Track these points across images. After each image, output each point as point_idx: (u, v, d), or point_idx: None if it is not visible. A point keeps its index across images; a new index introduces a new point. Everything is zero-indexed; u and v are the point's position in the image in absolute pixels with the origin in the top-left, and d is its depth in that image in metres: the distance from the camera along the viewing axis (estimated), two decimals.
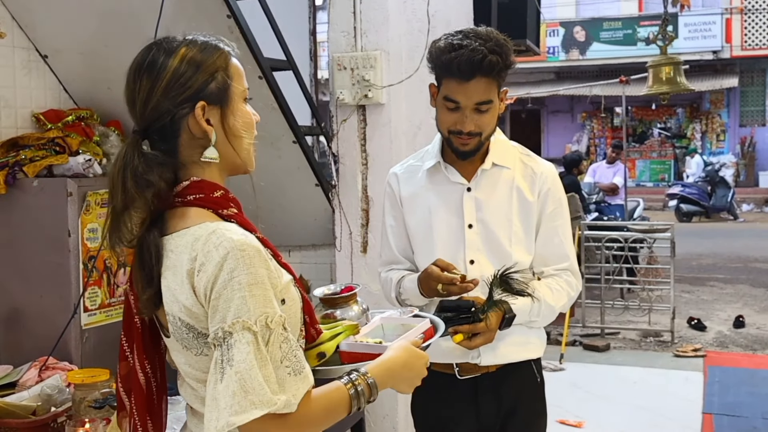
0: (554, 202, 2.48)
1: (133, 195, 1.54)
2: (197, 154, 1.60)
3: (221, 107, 1.61)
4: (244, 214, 1.64)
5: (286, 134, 3.89)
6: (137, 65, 1.59)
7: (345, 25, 3.91)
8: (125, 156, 1.56)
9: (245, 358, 1.43)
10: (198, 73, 1.58)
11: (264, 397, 1.42)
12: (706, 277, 11.05)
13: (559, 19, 22.80)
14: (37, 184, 3.58)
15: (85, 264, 3.54)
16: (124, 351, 1.70)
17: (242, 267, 1.46)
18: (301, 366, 1.51)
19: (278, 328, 1.48)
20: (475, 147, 2.41)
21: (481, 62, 2.26)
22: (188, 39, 1.62)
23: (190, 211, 1.58)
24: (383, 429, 4.00)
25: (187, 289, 1.51)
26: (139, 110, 1.58)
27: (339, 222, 4.02)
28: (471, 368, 2.46)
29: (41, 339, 3.48)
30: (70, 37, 3.82)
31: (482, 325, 2.26)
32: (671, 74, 5.92)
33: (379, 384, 1.61)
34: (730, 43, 21.84)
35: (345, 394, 1.56)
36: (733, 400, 5.76)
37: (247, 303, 1.45)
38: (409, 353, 1.69)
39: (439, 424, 2.56)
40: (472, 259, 2.44)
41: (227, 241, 1.48)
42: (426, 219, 2.50)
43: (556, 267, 2.50)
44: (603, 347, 7.29)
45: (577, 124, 25.18)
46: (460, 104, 2.35)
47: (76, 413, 2.91)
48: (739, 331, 8.00)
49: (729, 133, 23.52)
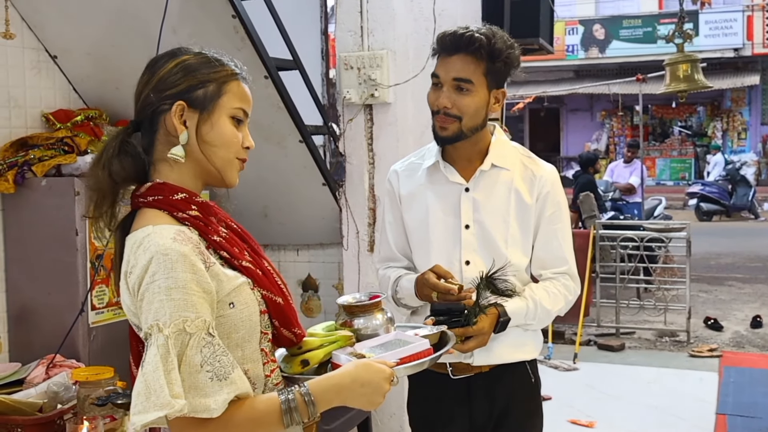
0: (553, 205, 2.47)
1: (98, 176, 1.62)
2: (167, 151, 1.64)
3: (200, 113, 1.64)
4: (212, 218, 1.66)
5: (292, 134, 3.90)
6: (147, 65, 1.68)
7: (352, 24, 3.92)
8: (108, 142, 1.65)
9: (152, 360, 1.45)
10: (188, 76, 1.63)
11: (164, 399, 1.42)
12: (725, 276, 10.96)
13: (579, 17, 22.67)
14: (45, 183, 3.61)
15: (92, 262, 3.57)
16: None
17: (163, 271, 1.49)
18: (225, 372, 1.50)
19: (199, 332, 1.49)
20: (455, 133, 2.37)
21: (462, 37, 2.30)
22: (198, 51, 1.69)
23: (146, 213, 1.61)
24: (390, 427, 4.01)
25: (125, 290, 1.57)
26: (135, 102, 1.67)
27: (346, 221, 4.03)
28: (464, 368, 2.46)
29: (49, 337, 3.52)
30: (78, 37, 3.85)
31: (474, 328, 2.25)
32: (689, 72, 5.86)
33: (321, 402, 1.57)
34: (751, 40, 21.61)
35: (276, 407, 1.54)
36: (748, 401, 5.71)
37: (164, 306, 1.47)
38: (364, 368, 1.63)
39: (433, 422, 2.56)
40: (467, 260, 2.43)
41: (154, 245, 1.52)
42: (423, 218, 2.50)
43: (555, 270, 2.48)
44: (618, 347, 7.25)
45: (596, 123, 25.04)
46: (440, 78, 2.36)
47: (81, 411, 2.94)
48: (756, 331, 7.92)
49: (750, 132, 23.29)
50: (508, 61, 2.36)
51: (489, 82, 2.35)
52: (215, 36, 3.53)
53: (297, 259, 4.39)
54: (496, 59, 2.32)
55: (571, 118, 25.43)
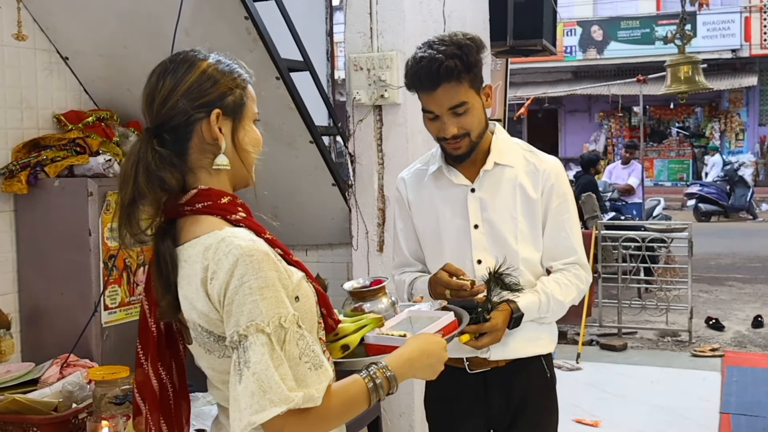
0: (559, 196, 2.50)
1: (143, 190, 1.59)
2: (205, 159, 1.65)
3: (234, 120, 1.67)
4: (253, 217, 1.68)
5: (303, 134, 3.93)
6: (163, 67, 1.66)
7: (361, 25, 3.94)
8: (139, 151, 1.61)
9: (260, 359, 1.47)
10: (219, 83, 1.65)
11: (282, 394, 1.46)
12: (725, 276, 11.00)
13: (577, 18, 22.73)
14: (58, 184, 3.63)
15: (105, 263, 3.59)
16: (140, 358, 1.73)
17: (252, 272, 1.50)
18: (320, 360, 1.55)
19: (293, 326, 1.52)
20: (468, 148, 2.43)
21: (438, 70, 2.30)
22: (212, 56, 1.69)
23: (200, 219, 1.62)
24: (399, 426, 4.02)
25: (202, 296, 1.55)
26: (157, 108, 1.63)
27: (355, 221, 4.05)
28: (481, 362, 2.50)
29: (62, 336, 3.53)
30: (90, 39, 3.87)
31: (488, 325, 2.29)
32: (689, 73, 5.91)
33: (399, 376, 1.65)
34: (749, 41, 21.68)
35: (363, 387, 1.60)
36: (751, 400, 5.74)
37: (259, 306, 1.49)
38: (426, 340, 1.76)
39: (450, 417, 2.60)
40: (479, 259, 2.48)
41: (236, 248, 1.52)
42: (433, 222, 2.55)
43: (565, 261, 2.52)
44: (620, 347, 7.28)
45: (594, 124, 25.08)
46: (434, 113, 2.38)
47: (97, 410, 2.94)
48: (757, 331, 7.96)
49: (748, 132, 23.34)
50: (480, 62, 2.40)
51: (476, 88, 2.39)
52: (228, 37, 3.55)
53: (306, 260, 4.39)
54: (473, 69, 2.36)
55: (569, 119, 25.48)
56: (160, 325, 1.68)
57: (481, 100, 2.41)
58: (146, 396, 1.70)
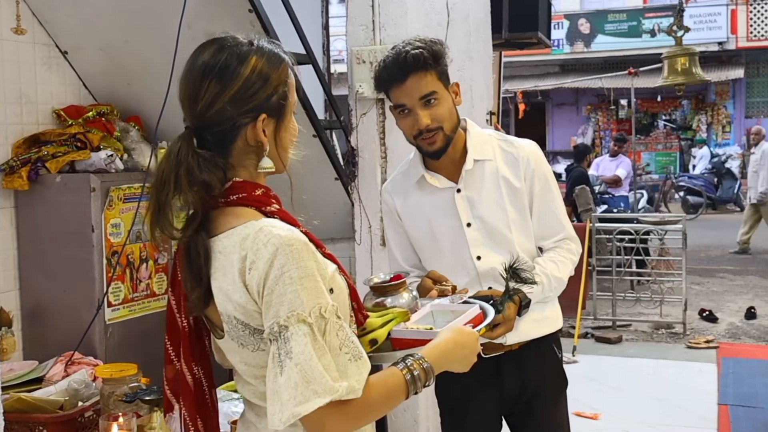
0: (540, 179, 2.59)
1: (185, 191, 1.56)
2: (247, 159, 1.64)
3: (277, 121, 1.65)
4: (285, 210, 1.66)
5: (306, 128, 3.89)
6: (207, 66, 1.60)
7: (363, 18, 3.91)
8: (179, 152, 1.58)
9: (303, 349, 1.45)
10: (266, 86, 1.61)
11: (326, 385, 1.44)
12: (716, 268, 11.05)
13: (564, 12, 22.69)
14: (60, 179, 3.59)
15: (108, 259, 3.55)
16: (170, 354, 1.71)
17: (292, 261, 1.48)
18: (359, 352, 1.54)
19: (332, 317, 1.51)
20: (444, 143, 2.48)
21: (405, 59, 2.39)
22: (256, 45, 1.64)
23: (235, 210, 1.60)
24: (404, 421, 4.01)
25: (240, 287, 1.53)
26: (201, 110, 1.59)
27: (358, 216, 4.03)
28: (495, 347, 2.57)
29: (65, 334, 3.50)
30: (90, 33, 3.83)
31: (500, 316, 2.33)
32: (686, 65, 5.93)
33: (435, 367, 1.64)
34: (735, 34, 21.75)
35: (401, 379, 1.59)
36: (749, 391, 5.78)
37: (300, 296, 1.47)
38: (460, 332, 1.74)
39: (464, 402, 2.69)
40: (478, 255, 2.56)
41: (275, 238, 1.50)
42: (427, 227, 2.62)
43: (555, 239, 2.62)
44: (615, 339, 7.30)
45: (582, 117, 25.11)
46: (406, 105, 2.44)
47: (105, 408, 2.92)
48: (751, 322, 8.01)
49: (735, 125, 23.43)
50: (444, 56, 2.48)
51: (444, 82, 2.47)
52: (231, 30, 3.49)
53: None
54: (439, 60, 2.45)
55: (556, 112, 25.49)
56: (190, 319, 1.66)
57: (451, 96, 2.49)
58: (181, 392, 1.68)
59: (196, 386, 1.67)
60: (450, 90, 2.49)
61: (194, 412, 1.67)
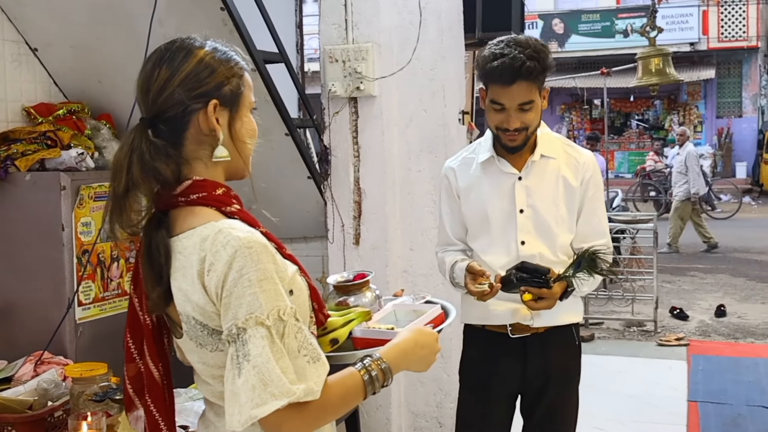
0: (594, 186, 2.80)
1: (137, 179, 1.56)
2: (201, 150, 1.62)
3: (231, 111, 1.64)
4: (246, 210, 1.66)
5: (278, 127, 3.89)
6: (159, 55, 1.62)
7: (336, 17, 3.91)
8: (132, 141, 1.58)
9: (261, 352, 1.45)
10: (216, 73, 1.62)
11: (283, 387, 1.45)
12: (687, 267, 11.16)
13: (538, 12, 22.86)
14: (29, 178, 3.56)
15: (79, 258, 3.53)
16: (131, 352, 1.70)
17: (251, 264, 1.48)
18: (317, 353, 1.54)
19: (291, 319, 1.51)
20: (523, 142, 2.70)
21: (520, 69, 2.56)
22: (209, 43, 1.66)
23: (195, 210, 1.59)
24: (376, 419, 4.02)
25: (198, 289, 1.53)
26: (153, 97, 1.60)
27: (331, 214, 4.03)
28: (523, 328, 2.78)
29: (35, 333, 3.47)
30: (60, 30, 3.80)
31: (548, 291, 2.56)
32: (660, 65, 5.99)
33: (393, 367, 1.65)
34: (706, 35, 22.03)
35: (359, 380, 1.59)
36: (718, 388, 5.84)
37: (258, 298, 1.47)
38: (420, 332, 1.75)
39: (487, 379, 2.86)
40: (522, 240, 2.74)
41: (234, 240, 1.50)
42: (481, 207, 2.80)
43: (596, 243, 2.72)
44: (587, 337, 7.34)
45: (556, 116, 25.25)
46: (504, 106, 2.63)
47: (75, 407, 2.90)
48: (720, 320, 8.09)
49: (706, 125, 23.71)
50: (551, 67, 2.67)
51: (540, 90, 2.67)
52: (203, 28, 3.42)
53: None
54: (546, 72, 2.65)
55: None
56: (153, 317, 1.65)
57: (541, 102, 2.69)
58: (146, 390, 1.67)
59: (162, 384, 1.66)
60: (541, 95, 2.68)
61: (163, 410, 1.66)
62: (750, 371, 6.30)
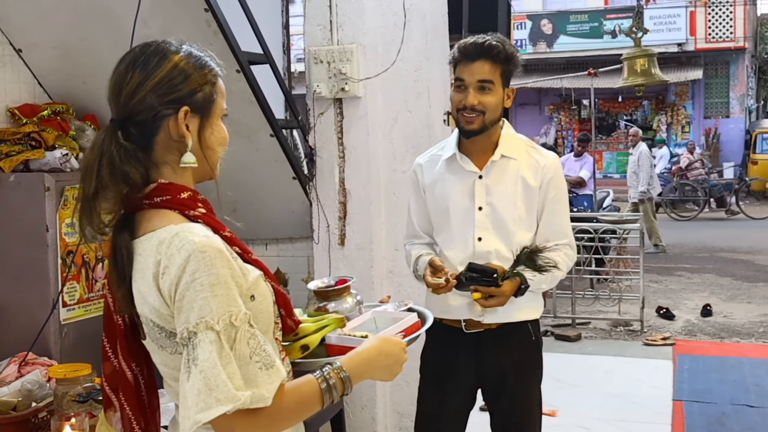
0: (555, 188, 2.88)
1: (106, 182, 1.56)
2: (170, 155, 1.63)
3: (201, 118, 1.64)
4: (214, 214, 1.66)
5: (263, 127, 3.90)
6: (133, 57, 1.62)
7: (321, 18, 3.93)
8: (102, 143, 1.58)
9: (208, 356, 1.45)
10: (190, 79, 1.62)
11: (228, 393, 1.44)
12: (674, 266, 11.21)
13: (527, 12, 22.91)
14: (13, 179, 3.56)
15: (63, 259, 3.53)
16: (107, 351, 1.71)
17: (204, 268, 1.49)
18: (271, 360, 1.53)
19: (244, 325, 1.51)
20: (479, 126, 2.78)
21: (483, 45, 2.75)
22: (185, 47, 1.66)
23: (158, 213, 1.60)
24: (362, 419, 4.03)
25: (154, 291, 1.54)
26: (124, 100, 1.60)
27: (316, 215, 4.04)
28: (475, 324, 2.87)
29: (19, 334, 3.47)
30: (45, 30, 3.79)
31: (497, 289, 2.67)
32: (646, 66, 6.01)
33: (354, 376, 1.64)
34: (694, 35, 22.11)
35: (316, 387, 1.59)
36: (703, 387, 5.87)
37: (209, 303, 1.48)
38: (385, 341, 1.73)
39: (444, 373, 2.95)
40: (479, 237, 2.83)
41: (189, 243, 1.50)
42: (444, 202, 2.91)
43: (557, 243, 2.85)
44: (574, 337, 7.37)
45: (544, 117, 25.33)
46: (464, 81, 2.77)
47: (59, 408, 2.90)
48: (706, 319, 8.13)
49: (694, 125, 23.79)
50: (516, 63, 2.84)
51: (503, 81, 2.81)
52: (187, 29, 3.50)
53: (266, 254, 4.38)
54: (509, 62, 2.80)
55: (519, 112, 25.65)
56: (125, 317, 1.66)
57: (504, 95, 2.82)
58: (120, 387, 1.67)
59: (135, 382, 1.67)
60: (505, 91, 2.82)
61: (136, 407, 1.67)
62: (735, 370, 6.33)
